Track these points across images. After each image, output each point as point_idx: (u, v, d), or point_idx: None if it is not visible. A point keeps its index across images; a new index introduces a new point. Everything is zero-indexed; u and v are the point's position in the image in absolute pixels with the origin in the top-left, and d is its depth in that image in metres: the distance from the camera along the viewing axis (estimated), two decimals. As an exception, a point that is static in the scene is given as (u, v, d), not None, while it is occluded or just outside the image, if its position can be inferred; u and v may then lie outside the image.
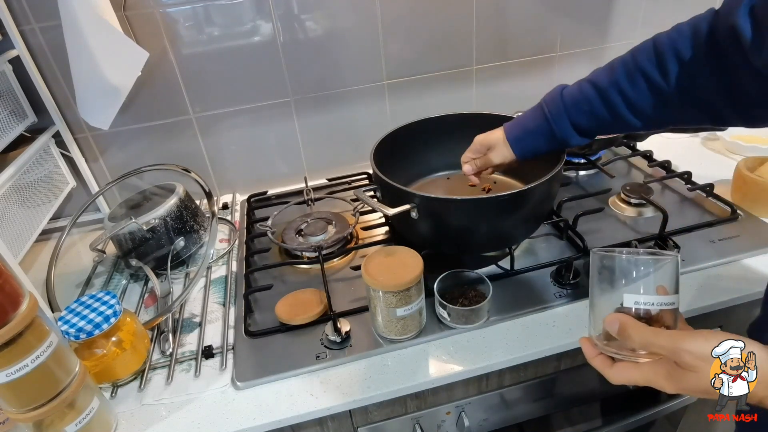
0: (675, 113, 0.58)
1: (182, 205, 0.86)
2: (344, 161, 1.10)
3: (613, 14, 1.10)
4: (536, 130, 0.67)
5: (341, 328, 0.66)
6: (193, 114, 0.99)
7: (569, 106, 0.64)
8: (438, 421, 0.70)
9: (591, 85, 0.62)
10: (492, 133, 0.72)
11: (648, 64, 0.56)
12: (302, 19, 0.95)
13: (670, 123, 0.61)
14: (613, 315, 0.44)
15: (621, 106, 0.60)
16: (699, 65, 0.53)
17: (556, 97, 0.65)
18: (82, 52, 0.79)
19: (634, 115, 0.60)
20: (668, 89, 0.56)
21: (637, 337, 0.41)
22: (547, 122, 0.66)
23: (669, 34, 0.56)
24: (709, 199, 0.87)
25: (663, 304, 0.43)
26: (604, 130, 0.66)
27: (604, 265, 0.46)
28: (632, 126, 0.61)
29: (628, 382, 0.44)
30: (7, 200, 0.78)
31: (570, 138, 0.65)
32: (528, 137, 0.69)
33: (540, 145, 0.68)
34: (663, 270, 0.44)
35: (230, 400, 0.62)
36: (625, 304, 0.43)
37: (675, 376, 0.40)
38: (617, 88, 0.59)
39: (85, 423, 0.55)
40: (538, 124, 0.67)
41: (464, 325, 0.66)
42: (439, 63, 1.05)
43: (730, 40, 0.49)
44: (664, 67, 0.55)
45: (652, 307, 0.43)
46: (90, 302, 0.63)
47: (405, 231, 0.78)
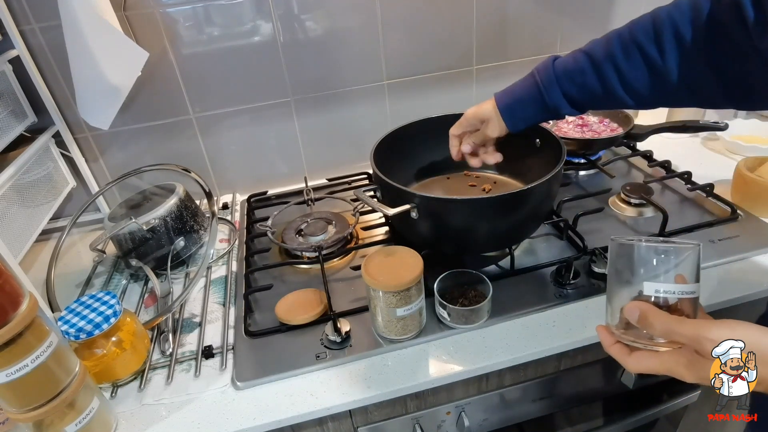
0: (669, 93, 0.57)
1: (182, 205, 0.86)
2: (344, 161, 1.10)
3: (613, 14, 1.10)
4: (527, 99, 0.66)
5: (341, 328, 0.66)
6: (193, 114, 0.99)
7: (561, 75, 0.63)
8: (438, 421, 0.70)
9: (586, 57, 0.61)
10: (483, 105, 0.70)
11: (645, 40, 0.55)
12: (302, 19, 0.95)
13: (663, 104, 0.60)
14: (633, 303, 0.43)
15: (614, 81, 0.58)
16: (698, 46, 0.52)
17: (548, 65, 0.64)
18: (82, 52, 0.79)
19: (626, 92, 0.59)
20: (664, 68, 0.54)
21: (659, 325, 0.41)
22: (539, 90, 0.64)
23: (669, 11, 0.54)
24: (709, 199, 0.87)
25: (684, 293, 0.42)
26: (596, 104, 0.65)
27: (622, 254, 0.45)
28: (624, 103, 0.60)
29: (647, 371, 0.43)
30: (7, 200, 0.78)
31: (561, 107, 0.64)
32: (518, 106, 0.67)
33: (531, 113, 0.67)
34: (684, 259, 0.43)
35: (230, 400, 0.62)
36: (645, 292, 0.43)
37: (696, 365, 0.39)
38: (612, 62, 0.58)
39: (85, 423, 0.55)
40: (529, 92, 0.65)
41: (464, 325, 0.66)
42: (439, 63, 1.05)
43: (733, 20, 0.48)
44: (661, 45, 0.54)
45: (672, 296, 0.42)
46: (90, 302, 0.63)
47: (405, 231, 0.78)
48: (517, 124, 0.68)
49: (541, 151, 0.80)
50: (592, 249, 0.74)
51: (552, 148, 0.75)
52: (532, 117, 0.68)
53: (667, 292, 0.42)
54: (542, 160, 0.75)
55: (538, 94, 0.65)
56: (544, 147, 0.80)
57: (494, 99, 0.70)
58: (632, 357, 0.44)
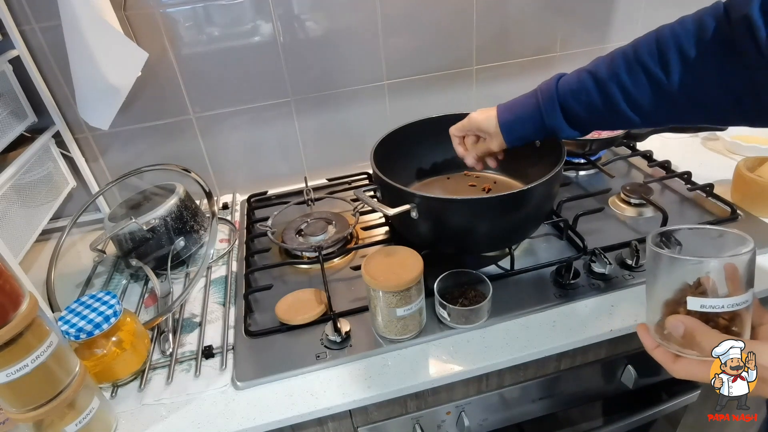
0: (677, 112, 0.56)
1: (182, 205, 0.86)
2: (344, 161, 1.10)
3: (613, 14, 1.10)
4: (526, 118, 0.66)
5: (341, 328, 0.66)
6: (193, 114, 0.99)
7: (565, 95, 0.62)
8: (438, 421, 0.70)
9: (590, 76, 0.60)
10: (488, 116, 0.69)
11: (649, 59, 0.54)
12: (302, 19, 0.95)
13: (671, 122, 0.59)
14: (676, 317, 0.40)
15: (620, 100, 0.58)
16: (705, 64, 0.51)
17: (551, 86, 0.64)
18: (82, 52, 0.78)
19: (633, 110, 0.58)
20: (670, 87, 0.54)
21: (707, 345, 0.38)
22: (539, 111, 0.64)
23: (672, 28, 0.53)
24: (709, 199, 0.87)
25: (733, 306, 0.39)
26: (600, 124, 0.64)
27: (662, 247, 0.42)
28: (631, 122, 0.60)
29: (693, 378, 0.41)
30: (7, 200, 0.78)
31: (560, 130, 0.64)
32: (517, 124, 0.67)
33: (529, 133, 0.67)
34: (733, 258, 0.39)
35: (230, 400, 0.62)
36: (689, 307, 0.39)
37: None
38: (617, 81, 0.57)
39: (85, 423, 0.55)
40: (529, 112, 0.66)
41: (464, 325, 0.66)
42: (439, 63, 1.05)
43: (743, 37, 0.47)
44: (665, 64, 0.53)
45: (721, 310, 0.39)
46: (90, 302, 0.63)
47: (405, 231, 0.78)
48: (513, 142, 0.69)
49: (541, 151, 0.80)
50: (592, 249, 0.74)
51: (552, 148, 0.75)
52: (530, 136, 0.68)
53: (714, 307, 0.39)
54: (542, 160, 0.75)
55: (538, 115, 0.65)
56: (544, 147, 0.79)
57: (497, 112, 0.69)
58: (678, 364, 0.42)
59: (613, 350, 0.72)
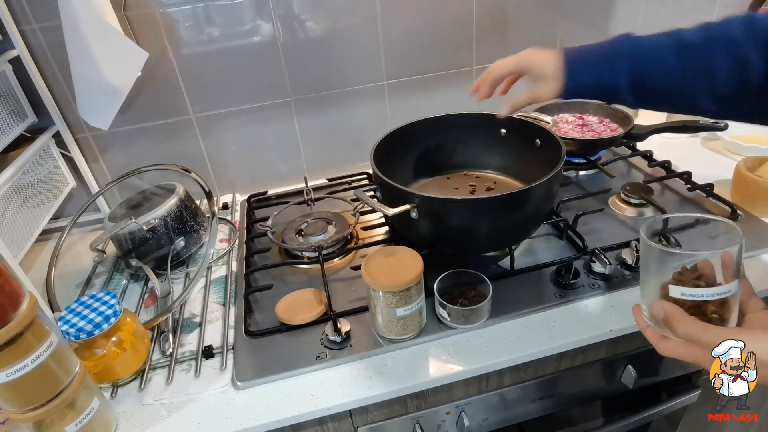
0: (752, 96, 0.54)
1: (182, 205, 0.86)
2: (344, 161, 1.10)
3: (613, 14, 1.10)
4: (595, 67, 0.60)
5: (341, 328, 0.66)
6: (193, 114, 0.99)
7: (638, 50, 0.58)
8: (438, 421, 0.70)
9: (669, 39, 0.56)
10: (546, 58, 0.62)
11: (741, 36, 0.52)
12: (302, 19, 0.95)
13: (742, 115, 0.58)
14: (659, 303, 0.43)
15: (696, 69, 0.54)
16: None
17: (629, 37, 0.59)
18: (82, 52, 0.79)
19: (709, 86, 0.54)
20: (753, 67, 0.51)
21: (682, 331, 0.41)
22: (610, 62, 0.59)
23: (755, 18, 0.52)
24: (709, 199, 0.87)
25: (713, 296, 0.41)
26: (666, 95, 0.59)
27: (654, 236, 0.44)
28: (696, 103, 0.56)
29: (677, 357, 0.43)
30: (7, 200, 0.78)
31: (621, 91, 0.59)
32: (585, 71, 0.61)
33: (592, 85, 0.61)
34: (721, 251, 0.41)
35: (230, 400, 0.62)
36: (670, 294, 0.42)
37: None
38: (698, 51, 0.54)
39: (85, 423, 0.55)
40: (600, 62, 0.60)
41: (464, 325, 0.66)
42: (439, 63, 1.05)
43: None
44: (756, 46, 0.51)
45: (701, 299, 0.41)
46: (90, 302, 0.63)
47: (405, 231, 0.78)
48: (571, 93, 0.62)
49: (541, 151, 0.80)
50: (592, 249, 0.74)
51: (552, 148, 0.75)
52: (592, 91, 0.62)
53: (694, 296, 0.41)
54: (542, 160, 0.75)
55: (608, 68, 0.59)
56: (544, 147, 0.80)
57: (563, 57, 0.61)
58: (664, 343, 0.44)
59: (613, 350, 0.72)
